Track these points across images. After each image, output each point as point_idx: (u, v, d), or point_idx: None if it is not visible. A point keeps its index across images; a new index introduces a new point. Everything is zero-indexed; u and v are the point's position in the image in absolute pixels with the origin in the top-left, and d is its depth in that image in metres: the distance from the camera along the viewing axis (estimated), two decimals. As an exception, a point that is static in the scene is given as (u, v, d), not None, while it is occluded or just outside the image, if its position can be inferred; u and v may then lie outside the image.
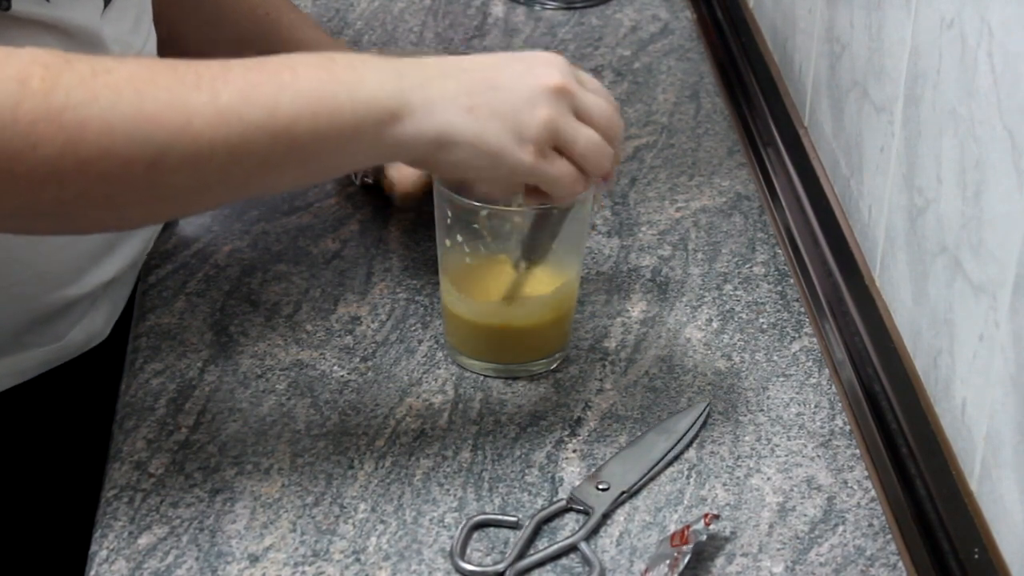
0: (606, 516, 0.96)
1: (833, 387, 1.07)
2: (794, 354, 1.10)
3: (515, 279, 1.05)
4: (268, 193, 1.17)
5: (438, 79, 0.92)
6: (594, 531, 0.95)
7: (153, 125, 0.85)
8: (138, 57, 0.89)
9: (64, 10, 0.98)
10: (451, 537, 0.95)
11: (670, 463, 1.00)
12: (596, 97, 0.95)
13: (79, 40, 1.00)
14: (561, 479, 0.99)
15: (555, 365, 1.08)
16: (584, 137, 0.94)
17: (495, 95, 0.92)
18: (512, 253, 1.04)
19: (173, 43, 1.20)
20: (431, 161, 0.95)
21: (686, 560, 0.90)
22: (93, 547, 0.95)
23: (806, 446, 1.02)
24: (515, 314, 1.06)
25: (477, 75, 0.93)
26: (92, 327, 1.13)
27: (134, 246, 1.14)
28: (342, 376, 1.07)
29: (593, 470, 0.99)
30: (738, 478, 0.99)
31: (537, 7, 1.56)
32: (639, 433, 1.03)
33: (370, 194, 1.26)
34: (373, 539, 0.95)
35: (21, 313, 1.07)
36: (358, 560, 0.93)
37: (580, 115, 0.94)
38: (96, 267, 1.10)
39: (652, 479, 0.99)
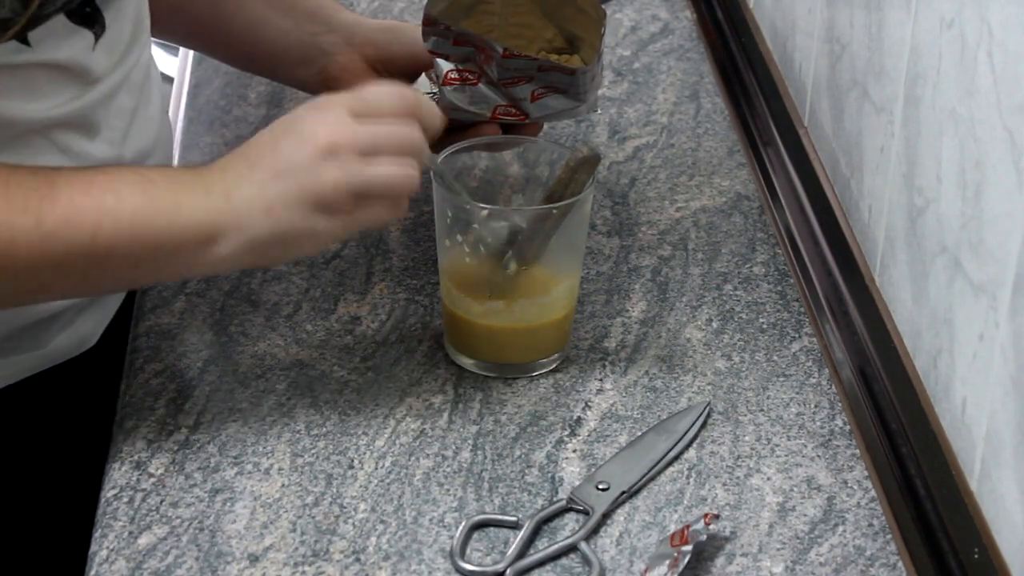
0: (606, 516, 0.96)
1: (833, 387, 1.07)
2: (794, 354, 1.10)
3: (503, 278, 1.05)
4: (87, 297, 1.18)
5: (237, 186, 0.94)
6: (594, 531, 0.95)
7: None
8: None
9: (50, 52, 0.98)
10: (451, 537, 0.95)
11: (670, 463, 1.00)
12: (376, 125, 0.95)
13: (68, 73, 1.00)
14: (561, 479, 0.99)
15: (555, 365, 1.08)
16: (376, 176, 0.95)
17: (282, 182, 0.93)
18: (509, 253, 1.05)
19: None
20: (255, 265, 1.05)
21: (686, 560, 0.90)
22: (93, 547, 0.95)
23: (806, 446, 1.02)
24: (515, 314, 1.06)
25: (264, 166, 0.94)
26: (78, 334, 1.12)
27: None
28: (342, 376, 1.07)
29: (593, 470, 0.99)
30: (738, 478, 0.99)
31: (537, 7, 1.55)
32: (639, 433, 1.03)
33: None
34: (373, 539, 0.95)
35: (2, 324, 1.06)
36: (358, 560, 0.93)
37: (366, 151, 0.94)
38: None
39: (652, 479, 0.99)
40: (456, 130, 1.10)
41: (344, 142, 0.94)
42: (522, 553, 0.93)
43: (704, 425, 1.03)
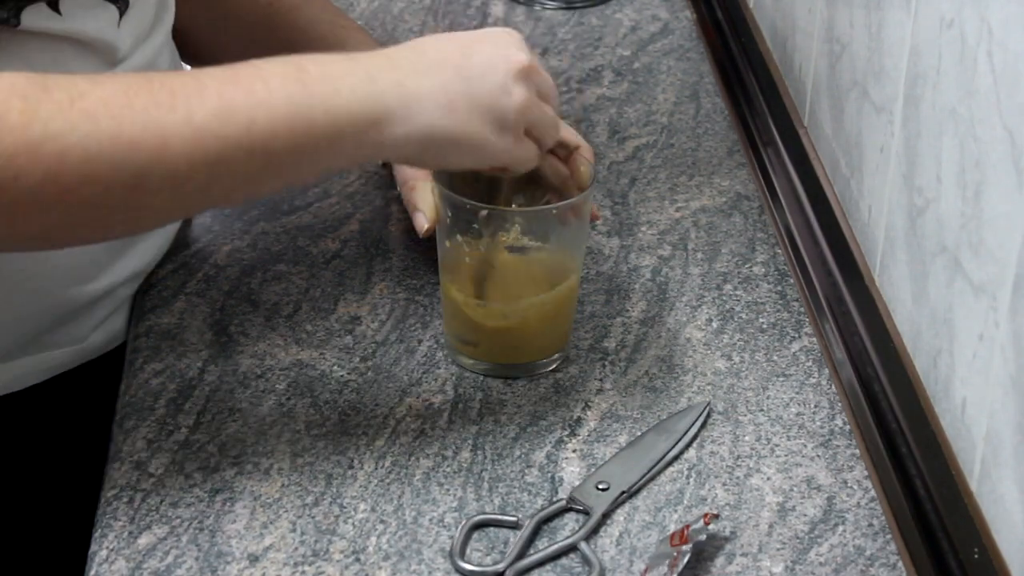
0: (606, 516, 0.96)
1: (833, 387, 1.07)
2: (794, 354, 1.10)
3: (501, 278, 1.05)
4: (252, 200, 1.16)
5: (413, 77, 0.93)
6: (594, 531, 0.95)
7: (131, 149, 0.85)
8: (114, 76, 0.90)
9: (78, 22, 0.98)
10: (451, 537, 0.95)
11: (670, 463, 1.00)
12: (546, 73, 0.99)
13: (94, 49, 1.01)
14: (561, 479, 0.99)
15: (555, 365, 1.08)
16: (546, 117, 0.98)
17: (471, 86, 0.94)
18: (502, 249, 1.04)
19: (184, 43, 1.20)
20: (414, 161, 1.00)
21: (686, 560, 0.90)
22: (93, 547, 0.95)
23: (806, 446, 1.02)
24: (515, 314, 1.06)
25: (450, 67, 0.94)
26: (113, 328, 1.14)
27: (154, 243, 1.15)
28: (342, 376, 1.07)
29: (593, 470, 0.99)
30: (738, 478, 0.99)
31: (537, 7, 1.56)
32: (639, 433, 1.03)
33: (370, 194, 1.26)
34: (373, 539, 0.95)
35: (41, 311, 1.07)
36: (358, 560, 0.93)
37: (540, 94, 0.97)
38: (114, 263, 1.10)
39: (652, 479, 0.99)
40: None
41: (535, 73, 0.96)
42: (522, 553, 0.93)
43: (704, 425, 1.03)
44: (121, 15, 1.02)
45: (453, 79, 0.93)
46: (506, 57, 0.95)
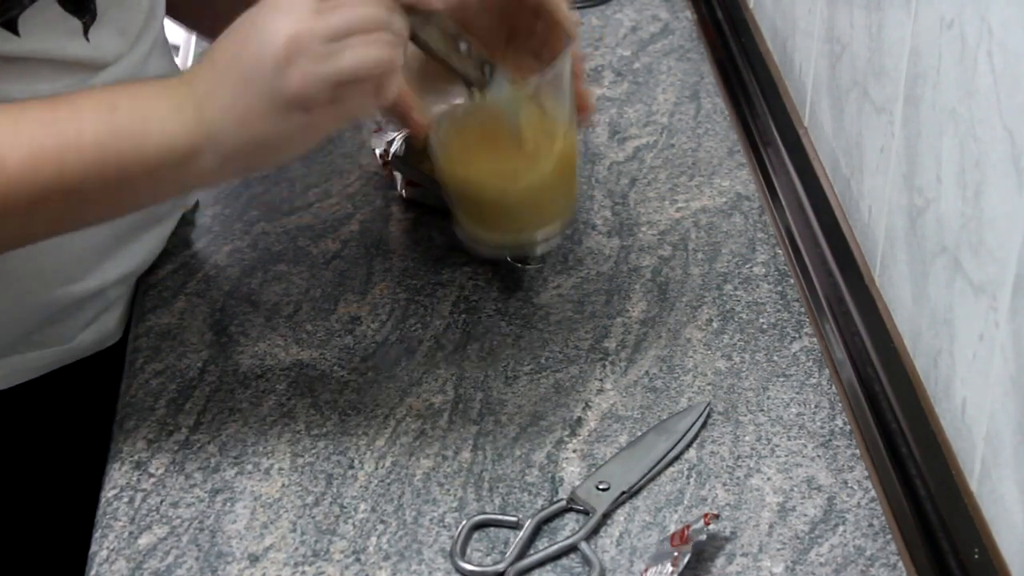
0: (606, 516, 0.96)
1: (833, 387, 1.07)
2: (794, 354, 1.10)
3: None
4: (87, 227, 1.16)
5: (208, 99, 0.89)
6: (594, 531, 0.95)
7: None
8: None
9: (38, 42, 0.97)
10: (451, 537, 0.95)
11: (670, 463, 1.00)
12: (339, 11, 0.88)
13: (64, 64, 1.00)
14: (561, 479, 0.99)
15: (558, 233, 1.09)
16: (346, 64, 0.88)
17: (251, 87, 0.88)
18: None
19: None
20: (245, 174, 1.04)
21: (686, 560, 0.90)
22: (93, 547, 0.95)
23: (806, 446, 1.02)
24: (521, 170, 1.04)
25: (233, 72, 0.89)
26: (105, 329, 1.14)
27: (145, 246, 1.14)
28: (342, 376, 1.07)
29: (593, 470, 1.00)
30: (738, 478, 0.99)
31: (537, 7, 1.55)
32: (639, 433, 1.03)
33: (370, 194, 1.26)
34: (373, 539, 0.95)
35: (27, 312, 1.07)
36: (358, 560, 0.93)
37: (332, 39, 0.88)
38: (102, 265, 1.10)
39: (652, 479, 0.99)
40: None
41: (306, 36, 0.87)
42: (522, 553, 0.93)
43: (704, 425, 1.03)
44: (87, 27, 1.01)
45: (237, 88, 0.88)
46: (270, 41, 0.87)
